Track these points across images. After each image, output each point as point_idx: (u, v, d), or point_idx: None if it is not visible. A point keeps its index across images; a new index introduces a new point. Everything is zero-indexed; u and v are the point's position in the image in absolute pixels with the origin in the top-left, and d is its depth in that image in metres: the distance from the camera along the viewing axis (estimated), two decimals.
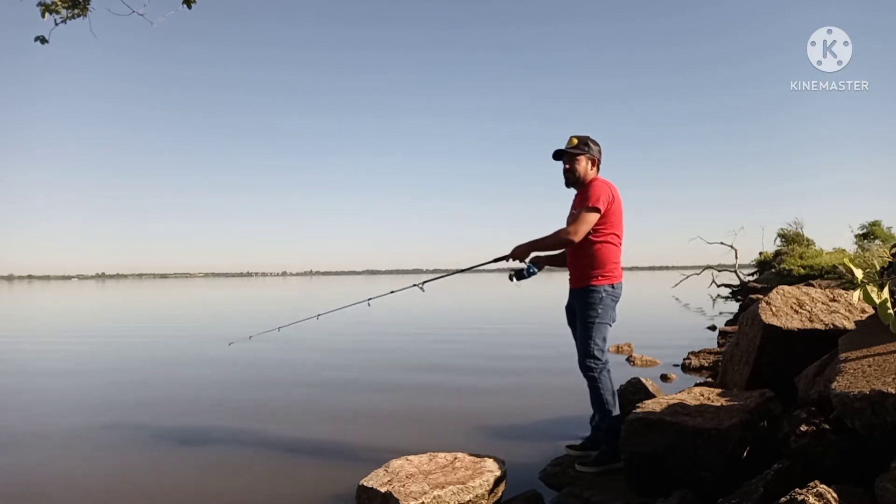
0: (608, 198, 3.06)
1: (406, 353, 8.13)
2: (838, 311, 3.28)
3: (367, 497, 2.59)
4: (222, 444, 3.93)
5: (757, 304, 3.41)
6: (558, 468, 3.10)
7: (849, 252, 15.91)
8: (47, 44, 3.42)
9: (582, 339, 3.11)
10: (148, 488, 3.15)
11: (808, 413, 2.34)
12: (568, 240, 3.03)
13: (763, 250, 24.92)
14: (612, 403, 3.10)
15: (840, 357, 2.26)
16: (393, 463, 2.83)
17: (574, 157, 3.18)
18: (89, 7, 3.44)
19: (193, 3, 3.66)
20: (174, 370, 7.09)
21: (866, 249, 14.08)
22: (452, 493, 2.50)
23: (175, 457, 3.67)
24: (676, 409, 2.66)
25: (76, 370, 7.33)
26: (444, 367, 6.91)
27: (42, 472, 3.43)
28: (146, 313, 18.36)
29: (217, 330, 11.88)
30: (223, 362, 7.22)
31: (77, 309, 22.37)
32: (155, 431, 4.22)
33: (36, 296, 37.34)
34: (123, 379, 6.52)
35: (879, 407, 1.78)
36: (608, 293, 3.09)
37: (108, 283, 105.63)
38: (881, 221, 18.99)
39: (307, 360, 7.56)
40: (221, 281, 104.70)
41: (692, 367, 6.20)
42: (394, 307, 15.78)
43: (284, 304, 22.85)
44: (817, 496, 1.62)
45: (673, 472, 2.45)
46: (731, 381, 3.55)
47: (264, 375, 6.54)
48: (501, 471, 2.77)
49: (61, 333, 12.16)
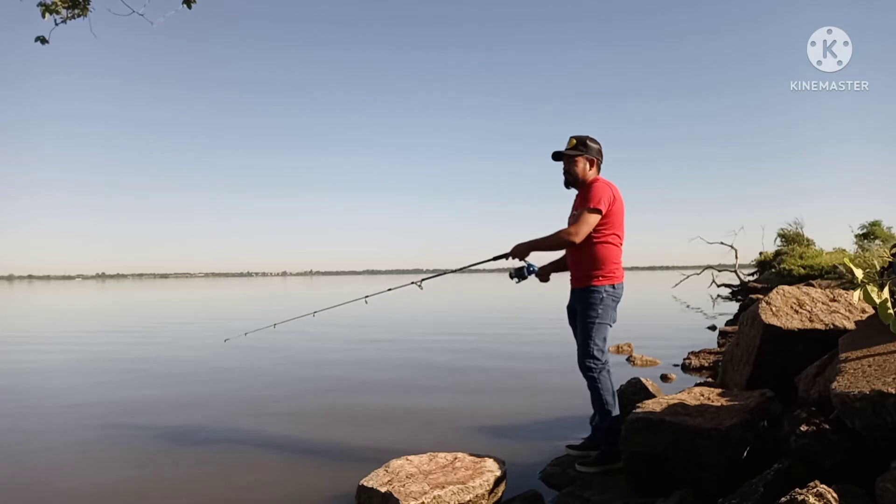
0: (609, 198, 3.06)
1: (405, 353, 8.12)
2: (838, 311, 3.28)
3: (367, 497, 2.59)
4: (221, 443, 3.92)
5: (757, 304, 3.41)
6: (558, 468, 3.10)
7: (849, 252, 15.90)
8: (47, 44, 3.41)
9: (582, 339, 3.11)
10: (147, 488, 3.15)
11: (809, 413, 2.34)
12: (569, 241, 3.03)
13: (763, 250, 24.93)
14: (611, 403, 3.10)
15: (840, 357, 2.26)
16: (393, 463, 2.83)
17: (572, 159, 3.18)
18: (89, 7, 3.44)
19: (193, 2, 3.65)
20: (171, 369, 7.08)
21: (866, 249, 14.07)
22: (452, 493, 2.50)
23: (173, 456, 3.67)
24: (676, 409, 2.66)
25: (73, 369, 7.34)
26: (444, 367, 6.91)
27: (43, 472, 3.43)
28: (146, 313, 18.36)
29: (215, 327, 11.91)
30: (219, 360, 7.23)
31: (78, 309, 22.38)
32: (153, 431, 4.22)
33: (37, 296, 37.33)
34: (120, 378, 6.51)
35: (879, 407, 1.77)
36: (609, 293, 3.09)
37: (109, 283, 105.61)
38: (881, 221, 18.98)
39: (304, 359, 7.56)
40: (221, 281, 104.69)
41: (692, 367, 6.21)
42: (393, 306, 15.79)
43: (282, 302, 22.87)
44: (817, 496, 1.62)
45: (673, 472, 2.45)
46: (731, 381, 3.55)
47: (261, 374, 6.54)
48: (502, 471, 2.77)
49: (62, 334, 12.16)
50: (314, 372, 6.73)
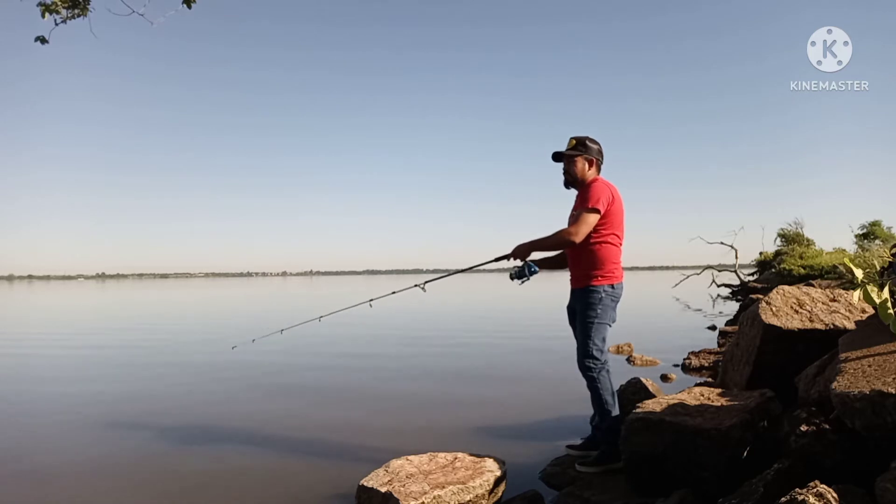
0: (608, 198, 3.06)
1: (406, 353, 8.13)
2: (838, 311, 3.28)
3: (367, 497, 2.59)
4: (222, 444, 3.93)
5: (757, 304, 3.41)
6: (558, 468, 3.10)
7: (849, 252, 15.89)
8: (47, 44, 3.41)
9: (581, 339, 3.11)
10: (147, 487, 3.15)
11: (809, 413, 2.34)
12: (568, 241, 3.04)
13: (763, 250, 24.91)
14: (611, 403, 3.10)
15: (840, 357, 2.26)
16: (393, 463, 2.83)
17: (571, 159, 3.19)
18: (89, 7, 3.44)
19: (193, 2, 3.66)
20: (177, 372, 7.06)
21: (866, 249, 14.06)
22: (453, 493, 2.50)
23: (174, 457, 3.67)
24: (676, 409, 2.66)
25: (78, 375, 7.34)
26: (445, 367, 6.91)
27: (43, 472, 3.43)
28: (149, 315, 18.35)
29: (220, 332, 11.90)
30: (226, 364, 7.22)
31: (80, 309, 22.37)
32: (156, 432, 4.22)
33: (37, 296, 37.33)
34: (128, 381, 6.52)
35: (880, 407, 1.77)
36: (608, 293, 3.09)
37: (109, 283, 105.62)
38: (881, 221, 18.95)
39: (308, 362, 7.55)
40: (221, 281, 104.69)
41: (692, 367, 6.20)
42: (394, 307, 15.78)
43: (286, 304, 22.86)
44: (817, 496, 1.62)
45: (673, 472, 2.45)
46: (731, 381, 3.55)
47: (265, 377, 6.53)
48: (502, 471, 2.77)
49: (65, 335, 12.15)
50: (315, 374, 6.73)
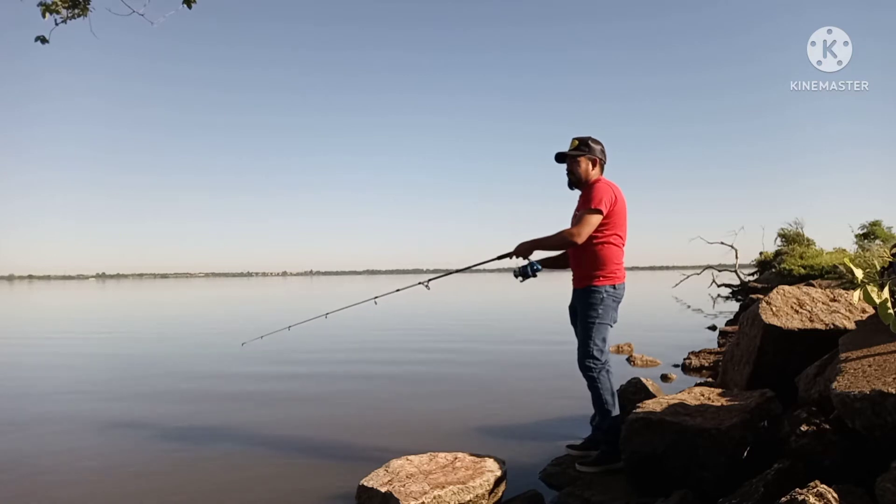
0: (610, 199, 3.07)
1: (407, 353, 8.13)
2: (838, 311, 3.28)
3: (368, 497, 2.59)
4: (222, 444, 3.93)
5: (757, 304, 3.41)
6: (559, 468, 3.10)
7: (849, 252, 15.88)
8: (47, 44, 3.41)
9: (582, 339, 3.11)
10: (148, 486, 3.15)
11: (809, 413, 2.34)
12: (571, 241, 3.04)
13: (763, 250, 24.91)
14: (611, 403, 3.10)
15: (840, 357, 2.26)
16: (393, 463, 2.83)
17: (574, 160, 3.19)
18: (89, 7, 3.43)
19: (193, 2, 3.65)
20: (183, 370, 7.06)
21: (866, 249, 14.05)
22: (453, 493, 2.50)
23: (176, 455, 3.67)
24: (677, 409, 2.66)
25: (79, 375, 7.34)
26: (445, 367, 6.92)
27: (44, 472, 3.43)
28: (154, 314, 18.34)
29: (228, 329, 11.97)
30: (232, 362, 7.23)
31: (81, 309, 22.37)
32: (158, 430, 4.23)
33: (38, 296, 37.32)
34: (133, 380, 6.51)
35: (880, 407, 1.77)
36: (609, 294, 3.09)
37: (109, 283, 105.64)
38: (881, 221, 18.93)
39: (311, 359, 7.56)
40: (221, 281, 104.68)
41: (692, 367, 6.21)
42: (397, 306, 15.78)
43: (291, 303, 22.86)
44: (818, 496, 1.62)
45: (673, 472, 2.45)
46: (731, 381, 3.55)
47: (269, 374, 6.54)
48: (502, 471, 2.77)
49: (68, 335, 12.15)
50: (317, 372, 6.72)
